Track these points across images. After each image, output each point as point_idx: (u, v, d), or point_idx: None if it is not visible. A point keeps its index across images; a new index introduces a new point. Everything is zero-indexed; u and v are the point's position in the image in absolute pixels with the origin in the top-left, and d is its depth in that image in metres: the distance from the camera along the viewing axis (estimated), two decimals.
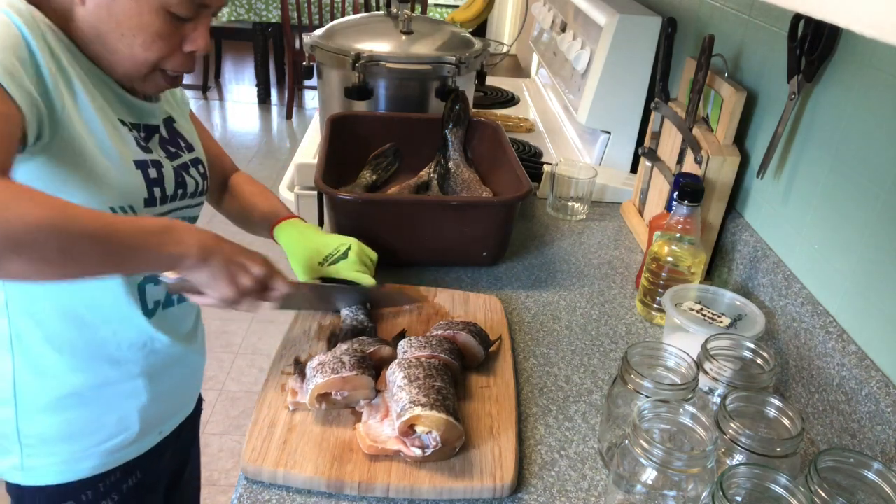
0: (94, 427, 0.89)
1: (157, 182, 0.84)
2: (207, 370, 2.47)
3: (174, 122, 0.93)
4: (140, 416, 0.91)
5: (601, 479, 0.80)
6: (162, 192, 0.85)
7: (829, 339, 0.87)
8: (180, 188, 0.88)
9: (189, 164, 0.92)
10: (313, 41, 1.49)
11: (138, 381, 0.90)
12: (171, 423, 1.00)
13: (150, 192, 0.83)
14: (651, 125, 1.38)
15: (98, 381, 0.87)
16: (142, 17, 0.76)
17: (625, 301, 1.16)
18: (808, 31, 0.95)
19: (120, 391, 0.89)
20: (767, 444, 0.67)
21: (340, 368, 0.81)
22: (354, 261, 1.01)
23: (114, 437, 0.90)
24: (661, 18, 1.46)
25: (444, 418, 0.73)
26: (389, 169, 1.38)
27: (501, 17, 3.78)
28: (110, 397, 0.89)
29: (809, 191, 0.98)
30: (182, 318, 0.96)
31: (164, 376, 0.93)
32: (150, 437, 0.95)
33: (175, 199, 0.88)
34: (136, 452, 0.94)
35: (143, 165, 0.82)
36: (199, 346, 1.02)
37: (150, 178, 0.83)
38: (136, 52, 0.78)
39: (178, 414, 1.02)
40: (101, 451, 0.90)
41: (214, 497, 2.03)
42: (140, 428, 0.92)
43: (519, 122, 1.92)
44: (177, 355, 0.94)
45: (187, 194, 0.91)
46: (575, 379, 0.96)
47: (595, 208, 1.48)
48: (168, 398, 0.97)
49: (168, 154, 0.89)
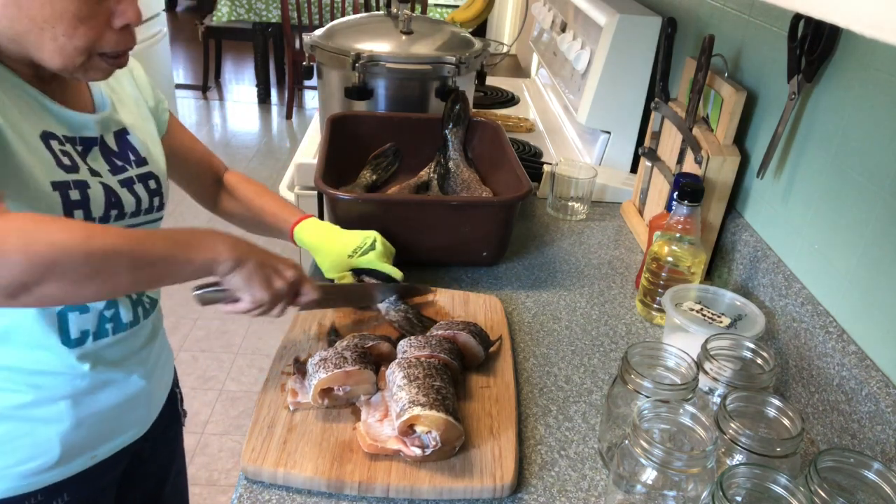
0: (8, 449, 0.82)
1: (78, 204, 0.77)
2: (207, 370, 2.50)
3: (128, 133, 0.87)
4: (61, 440, 0.84)
5: (601, 479, 0.80)
6: (86, 215, 0.78)
7: (829, 339, 0.87)
8: (114, 209, 0.81)
9: (134, 180, 0.85)
10: (313, 41, 1.49)
11: (59, 405, 0.83)
12: (108, 446, 0.91)
13: (69, 215, 0.76)
14: (651, 125, 1.38)
15: (13, 403, 0.81)
16: (53, 4, 0.69)
17: (625, 301, 1.16)
18: (808, 31, 0.95)
19: (37, 415, 0.82)
20: (767, 444, 0.67)
21: (343, 363, 0.81)
22: (382, 251, 1.02)
23: (30, 461, 0.83)
24: (661, 18, 1.46)
25: (444, 418, 0.73)
26: (389, 169, 1.38)
27: (501, 17, 3.78)
28: (25, 420, 0.82)
29: (809, 191, 0.98)
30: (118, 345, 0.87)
31: (91, 402, 0.86)
32: (78, 460, 0.87)
33: (106, 220, 0.81)
34: (61, 476, 0.86)
35: (63, 187, 0.75)
36: (148, 368, 0.94)
37: (70, 200, 0.76)
38: (62, 42, 0.71)
39: (119, 437, 0.92)
40: (15, 474, 0.83)
41: (214, 497, 2.03)
42: (62, 453, 0.84)
43: (519, 122, 1.92)
44: (107, 381, 0.87)
45: (125, 214, 0.84)
46: (575, 379, 0.96)
47: (595, 208, 1.48)
48: (99, 423, 0.88)
49: (113, 168, 0.83)
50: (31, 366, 0.81)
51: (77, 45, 0.72)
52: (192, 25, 5.10)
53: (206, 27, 4.78)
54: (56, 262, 0.61)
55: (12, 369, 0.80)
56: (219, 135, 4.63)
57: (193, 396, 2.38)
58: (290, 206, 1.09)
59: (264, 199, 1.08)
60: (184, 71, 5.78)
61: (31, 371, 0.81)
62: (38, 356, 0.81)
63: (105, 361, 0.86)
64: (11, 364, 0.80)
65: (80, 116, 0.81)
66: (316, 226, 1.05)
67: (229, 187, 1.10)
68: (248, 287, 0.77)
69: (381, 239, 1.04)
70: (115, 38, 0.75)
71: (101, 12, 0.72)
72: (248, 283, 0.77)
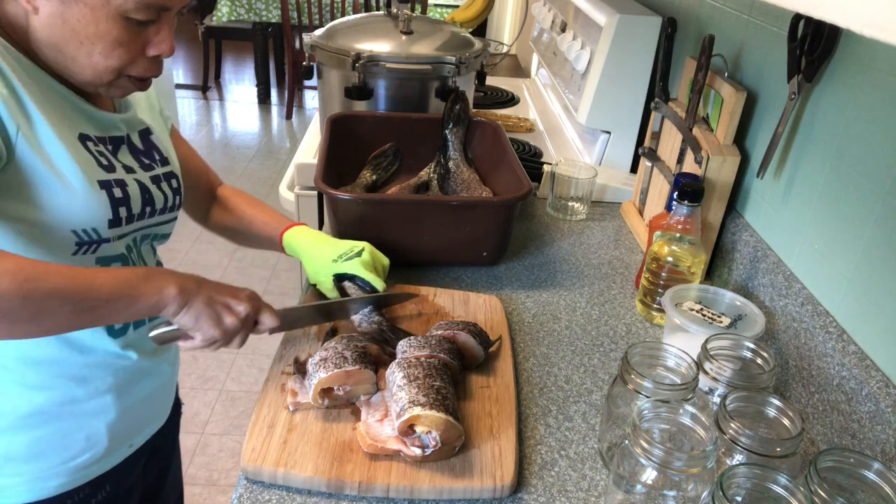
0: (62, 445, 0.85)
1: (122, 202, 0.80)
2: (207, 370, 2.49)
3: (151, 133, 0.90)
4: (109, 431, 0.88)
5: (601, 479, 0.80)
6: (128, 212, 0.81)
7: (829, 339, 0.87)
8: (148, 205, 0.85)
9: (162, 178, 0.89)
10: (313, 41, 1.49)
11: (106, 397, 0.87)
12: (141, 435, 0.96)
13: (115, 212, 0.80)
14: (651, 125, 1.38)
15: (64, 399, 0.84)
16: (98, 24, 0.72)
17: (625, 301, 1.16)
18: (808, 31, 0.95)
19: (87, 408, 0.86)
20: (767, 444, 0.67)
21: (343, 363, 0.81)
22: (368, 260, 1.01)
23: (82, 454, 0.87)
24: (661, 18, 1.46)
25: (444, 418, 0.73)
26: (389, 169, 1.38)
27: (501, 17, 3.78)
28: (77, 415, 0.85)
29: (809, 191, 0.98)
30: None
31: (132, 391, 0.91)
32: (119, 451, 0.92)
33: (143, 217, 0.85)
34: (105, 467, 0.91)
35: (108, 185, 0.79)
36: (172, 356, 0.99)
37: (114, 198, 0.80)
38: (97, 60, 0.74)
39: (150, 426, 0.98)
40: (69, 469, 0.87)
41: (214, 497, 2.03)
42: (109, 443, 0.89)
43: (519, 122, 1.92)
44: (146, 369, 0.91)
45: (156, 211, 0.87)
46: (575, 379, 0.96)
47: (595, 208, 1.48)
48: (138, 412, 0.93)
49: (142, 165, 0.86)
50: (80, 360, 0.83)
51: (110, 66, 0.75)
52: (192, 25, 5.10)
53: (206, 27, 4.79)
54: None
55: (60, 364, 0.82)
56: (219, 135, 4.63)
57: (193, 396, 2.38)
58: (281, 216, 1.09)
59: (256, 210, 1.09)
60: (184, 71, 5.78)
61: (81, 364, 0.84)
62: (83, 349, 0.83)
63: (144, 350, 0.90)
64: (59, 359, 0.82)
65: (108, 116, 0.83)
66: (305, 233, 1.05)
67: (222, 200, 1.10)
68: (197, 326, 0.77)
69: (371, 249, 1.03)
70: (144, 66, 0.78)
71: (138, 40, 0.76)
72: (196, 323, 0.77)
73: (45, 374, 0.82)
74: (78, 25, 0.71)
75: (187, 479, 2.06)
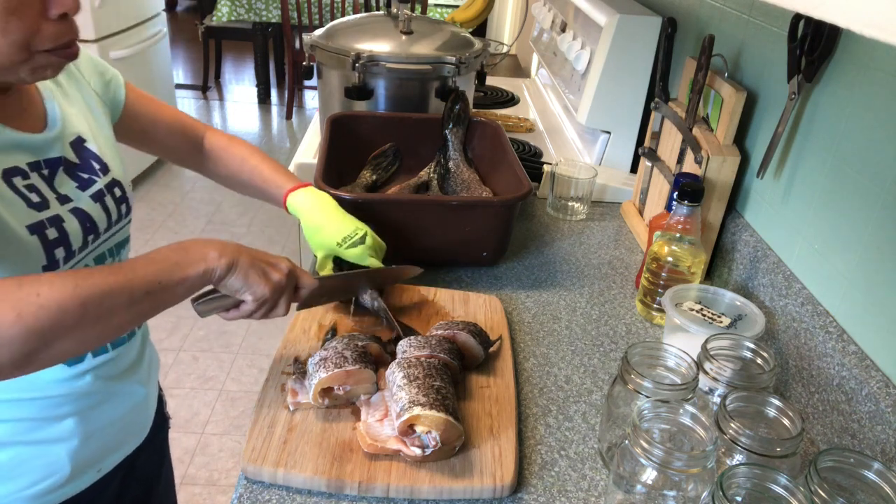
0: (19, 472, 0.80)
1: (58, 242, 0.73)
2: (207, 370, 2.49)
3: (85, 141, 0.82)
4: (71, 458, 0.83)
5: (601, 479, 0.80)
6: (67, 251, 0.74)
7: (829, 339, 0.87)
8: (90, 233, 0.78)
9: (104, 192, 0.82)
10: (313, 41, 1.49)
11: (65, 422, 0.81)
12: (112, 458, 0.90)
13: (51, 256, 0.72)
14: (651, 125, 1.38)
15: (17, 428, 0.78)
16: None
17: (625, 301, 1.16)
18: (808, 31, 0.95)
19: (44, 436, 0.80)
20: (767, 444, 0.67)
21: (343, 363, 0.81)
22: (371, 245, 1.00)
23: (41, 482, 0.81)
24: (661, 18, 1.46)
25: (444, 418, 0.73)
26: (389, 169, 1.38)
27: (501, 17, 3.78)
28: (33, 443, 0.80)
29: (809, 191, 0.98)
30: (118, 358, 0.86)
31: (96, 415, 0.85)
32: (85, 476, 0.86)
33: (85, 248, 0.78)
34: (69, 493, 0.85)
35: (40, 227, 0.71)
36: (144, 374, 0.93)
37: (48, 240, 0.72)
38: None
39: (123, 448, 0.92)
40: (25, 497, 0.81)
41: (214, 497, 2.03)
42: (72, 470, 0.83)
43: (519, 122, 1.92)
44: (113, 391, 0.86)
45: (100, 234, 0.81)
46: (575, 379, 0.96)
47: (595, 208, 1.48)
48: (105, 436, 0.87)
49: (80, 183, 0.79)
50: (31, 386, 0.78)
51: (12, 42, 0.64)
52: (192, 25, 5.10)
53: (206, 27, 4.78)
54: (54, 323, 0.58)
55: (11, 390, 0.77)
56: None
57: (193, 396, 2.38)
58: (284, 169, 1.05)
59: (254, 162, 1.04)
60: (184, 71, 5.78)
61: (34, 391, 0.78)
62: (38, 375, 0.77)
63: (108, 376, 0.85)
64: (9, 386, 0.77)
65: (40, 138, 0.75)
66: (311, 197, 1.01)
67: (214, 153, 1.05)
68: (247, 285, 0.75)
69: (371, 233, 1.01)
70: (53, 31, 0.67)
71: (33, 2, 0.65)
72: (246, 281, 0.74)
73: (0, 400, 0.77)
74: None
75: (187, 480, 2.06)
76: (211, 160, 1.05)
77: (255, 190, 1.06)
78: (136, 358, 0.91)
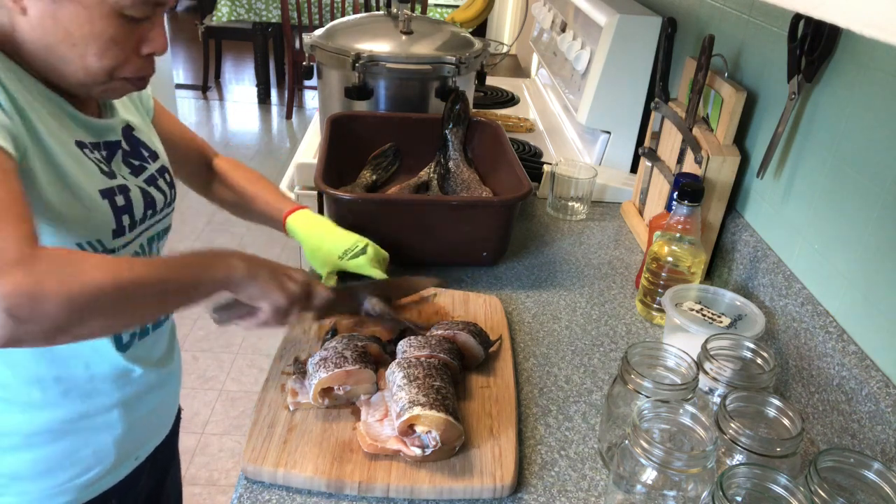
0: (69, 463, 0.84)
1: (125, 209, 0.79)
2: (207, 370, 2.50)
3: (133, 129, 0.87)
4: (116, 446, 0.87)
5: (601, 479, 0.80)
6: (131, 219, 0.80)
7: (829, 339, 0.87)
8: (149, 208, 0.84)
9: (156, 176, 0.87)
10: (313, 41, 1.49)
11: (113, 412, 0.86)
12: (147, 447, 0.95)
13: (119, 222, 0.78)
14: (651, 125, 1.38)
15: (71, 416, 0.82)
16: (93, 24, 0.69)
17: (625, 301, 1.16)
18: (808, 31, 0.95)
19: (94, 424, 0.84)
20: (767, 444, 0.67)
21: (343, 363, 0.81)
22: (373, 256, 1.01)
23: (89, 471, 0.86)
24: (661, 18, 1.46)
25: (444, 418, 0.73)
26: (389, 169, 1.38)
27: (501, 17, 3.78)
28: (84, 431, 0.84)
29: (809, 191, 0.98)
30: (156, 343, 0.91)
31: (139, 404, 0.89)
32: (126, 464, 0.91)
33: (144, 220, 0.83)
34: (112, 482, 0.90)
35: (110, 194, 0.77)
36: (175, 365, 0.98)
37: (117, 206, 0.78)
38: (90, 61, 0.71)
39: (156, 437, 0.97)
40: (76, 486, 0.85)
41: (214, 497, 2.03)
42: (116, 458, 0.88)
43: (519, 122, 1.92)
44: (152, 382, 0.90)
45: (157, 212, 0.86)
46: (575, 379, 0.96)
47: (595, 208, 1.48)
48: (144, 425, 0.92)
49: (132, 169, 0.84)
50: (85, 375, 0.82)
51: (103, 66, 0.72)
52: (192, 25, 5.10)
53: (206, 27, 4.78)
54: (93, 302, 0.60)
55: (65, 382, 0.81)
56: (219, 135, 4.63)
57: (193, 396, 2.38)
58: (284, 195, 1.08)
59: (257, 187, 1.07)
60: (184, 71, 5.78)
61: (86, 380, 0.82)
62: (90, 364, 0.82)
63: (149, 362, 0.89)
64: (63, 376, 0.80)
65: (103, 122, 0.81)
66: (309, 219, 1.04)
67: (220, 174, 1.09)
68: (264, 294, 0.77)
69: (373, 245, 1.03)
70: (137, 65, 0.75)
71: (132, 38, 0.73)
72: (264, 290, 0.77)
73: (50, 393, 0.80)
74: (71, 25, 0.69)
75: (187, 480, 2.06)
76: (217, 180, 1.09)
77: (256, 214, 1.09)
78: (168, 343, 0.95)
